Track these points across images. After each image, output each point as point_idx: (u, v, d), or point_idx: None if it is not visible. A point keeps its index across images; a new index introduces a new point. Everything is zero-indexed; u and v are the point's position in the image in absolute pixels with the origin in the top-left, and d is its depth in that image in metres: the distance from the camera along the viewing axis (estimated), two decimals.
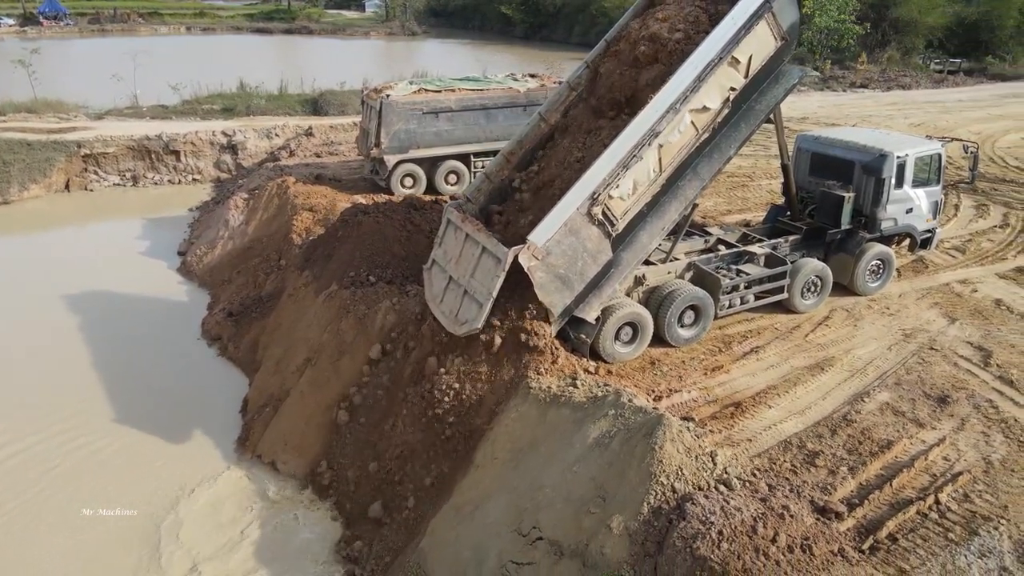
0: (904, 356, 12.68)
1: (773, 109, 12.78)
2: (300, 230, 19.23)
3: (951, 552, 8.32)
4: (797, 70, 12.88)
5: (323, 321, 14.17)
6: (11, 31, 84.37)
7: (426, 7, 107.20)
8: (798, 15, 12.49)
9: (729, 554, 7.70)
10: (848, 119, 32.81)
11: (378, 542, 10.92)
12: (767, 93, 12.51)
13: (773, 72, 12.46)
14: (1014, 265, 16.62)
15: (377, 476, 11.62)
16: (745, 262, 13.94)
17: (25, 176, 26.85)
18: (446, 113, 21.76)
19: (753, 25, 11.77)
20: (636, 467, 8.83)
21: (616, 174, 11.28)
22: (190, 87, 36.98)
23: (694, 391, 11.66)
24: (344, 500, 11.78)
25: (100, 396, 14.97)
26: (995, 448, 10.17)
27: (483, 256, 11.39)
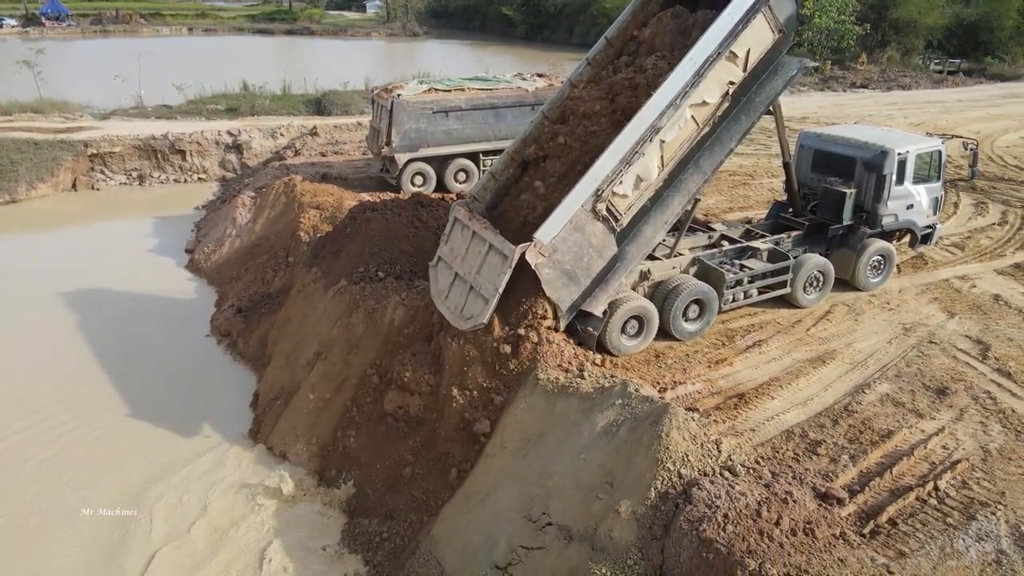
0: (904, 349, 12.92)
1: (773, 101, 12.94)
2: (307, 227, 19.48)
3: (949, 536, 8.56)
4: (795, 61, 12.99)
5: (333, 316, 14.41)
6: (13, 32, 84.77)
7: (427, 8, 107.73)
8: (794, 7, 12.63)
9: (734, 536, 7.94)
10: (848, 119, 33.06)
11: (389, 530, 11.14)
12: (766, 85, 12.66)
13: (771, 64, 12.60)
14: (1012, 262, 16.87)
15: (388, 465, 11.86)
16: (748, 257, 14.18)
17: (32, 175, 27.09)
18: (456, 112, 22.02)
19: (750, 19, 11.90)
20: (643, 454, 9.07)
21: (619, 171, 11.48)
22: (194, 87, 37.26)
23: (698, 383, 11.89)
24: (354, 488, 12.00)
25: (110, 391, 15.20)
26: (993, 437, 10.41)
27: (490, 253, 11.59)
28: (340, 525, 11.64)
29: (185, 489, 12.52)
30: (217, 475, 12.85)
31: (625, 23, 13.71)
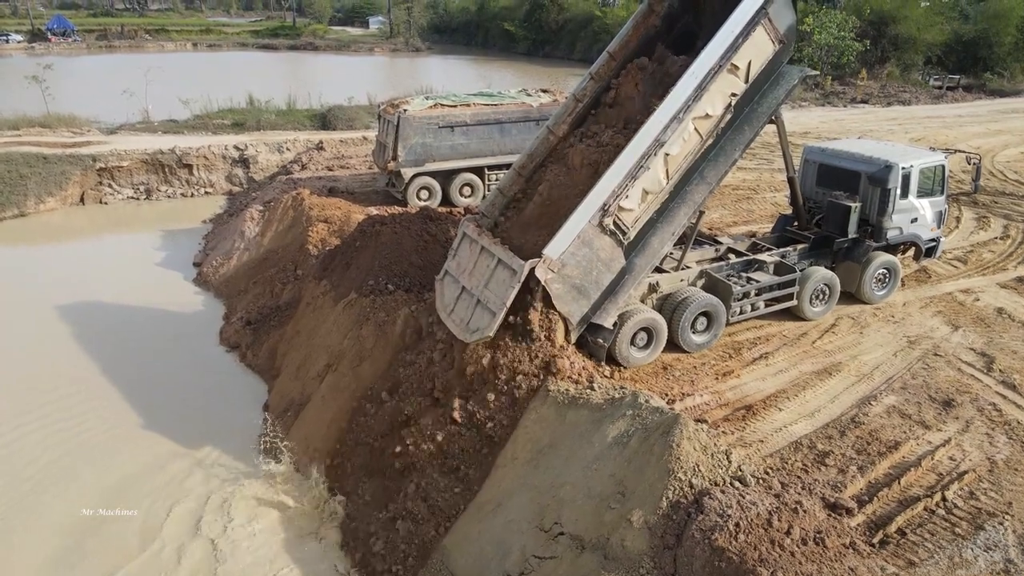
0: (909, 362, 13.05)
1: (775, 110, 13.03)
2: (316, 241, 19.65)
3: (958, 546, 8.68)
4: (796, 70, 13.08)
5: (343, 328, 14.55)
6: (20, 47, 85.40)
7: (430, 24, 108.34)
8: (794, 17, 12.71)
9: (746, 545, 8.04)
10: (849, 134, 33.27)
11: (399, 541, 11.21)
12: (768, 95, 12.78)
13: (773, 74, 12.72)
14: (1015, 275, 17.01)
15: (395, 476, 11.95)
16: (755, 270, 14.34)
17: (42, 189, 27.33)
18: (461, 127, 22.30)
19: (750, 32, 11.96)
20: (654, 464, 9.18)
21: (625, 185, 11.59)
22: (200, 102, 37.61)
23: (706, 395, 12.01)
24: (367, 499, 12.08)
25: (120, 402, 15.36)
26: (999, 448, 10.53)
27: (498, 267, 11.71)
28: (349, 537, 11.70)
29: (195, 499, 12.62)
30: (228, 486, 12.94)
31: (627, 36, 13.73)
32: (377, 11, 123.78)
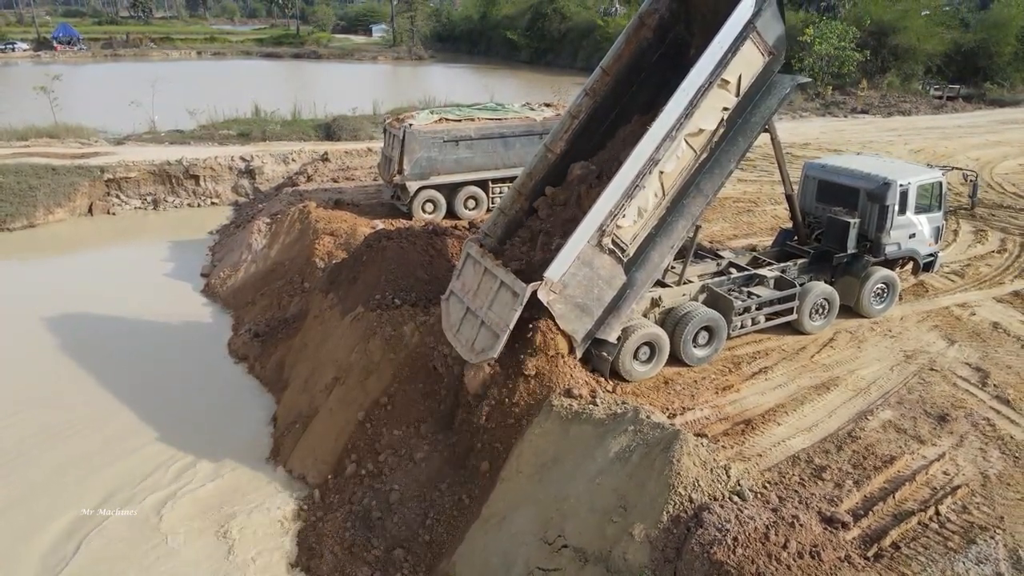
0: (905, 376, 13.31)
1: (768, 120, 13.15)
2: (322, 254, 19.93)
3: (950, 559, 8.93)
4: (788, 78, 13.12)
5: (350, 342, 14.82)
6: (25, 56, 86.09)
7: (432, 32, 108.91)
8: (783, 27, 12.69)
9: (744, 559, 8.30)
10: (849, 145, 33.61)
11: (405, 555, 11.46)
12: (761, 105, 12.86)
13: (764, 85, 12.78)
14: (1011, 289, 17.27)
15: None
16: (756, 285, 14.61)
17: (50, 200, 27.63)
18: (466, 141, 22.62)
19: (739, 47, 11.99)
20: (655, 479, 9.44)
21: (621, 205, 11.78)
22: (206, 112, 37.96)
23: (706, 409, 12.29)
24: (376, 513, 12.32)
25: (128, 413, 15.54)
26: (992, 463, 10.79)
27: (501, 290, 11.96)
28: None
29: (198, 503, 12.85)
30: (237, 498, 13.16)
31: (619, 50, 13.71)
32: (380, 19, 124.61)
